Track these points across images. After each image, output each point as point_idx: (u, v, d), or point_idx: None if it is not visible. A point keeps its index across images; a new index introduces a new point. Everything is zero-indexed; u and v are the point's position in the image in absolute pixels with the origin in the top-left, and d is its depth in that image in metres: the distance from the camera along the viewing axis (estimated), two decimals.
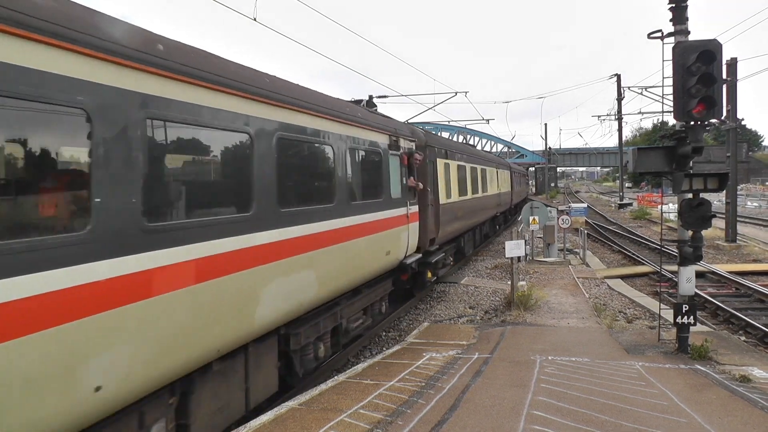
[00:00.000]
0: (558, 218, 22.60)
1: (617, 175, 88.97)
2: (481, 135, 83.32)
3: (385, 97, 29.11)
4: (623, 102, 55.04)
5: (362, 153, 10.47)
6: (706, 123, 9.40)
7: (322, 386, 8.12)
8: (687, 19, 9.76)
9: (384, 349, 11.48)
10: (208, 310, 5.81)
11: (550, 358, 9.56)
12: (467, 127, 68.23)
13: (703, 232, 9.83)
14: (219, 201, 6.27)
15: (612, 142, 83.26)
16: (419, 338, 11.38)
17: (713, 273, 18.59)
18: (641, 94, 41.78)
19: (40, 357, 4.03)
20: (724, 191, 19.79)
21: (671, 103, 9.53)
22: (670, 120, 10.51)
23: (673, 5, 9.74)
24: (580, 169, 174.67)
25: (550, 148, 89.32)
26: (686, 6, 9.73)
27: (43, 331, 4.04)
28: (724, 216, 26.68)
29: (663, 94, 11.76)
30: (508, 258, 14.22)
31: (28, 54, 4.05)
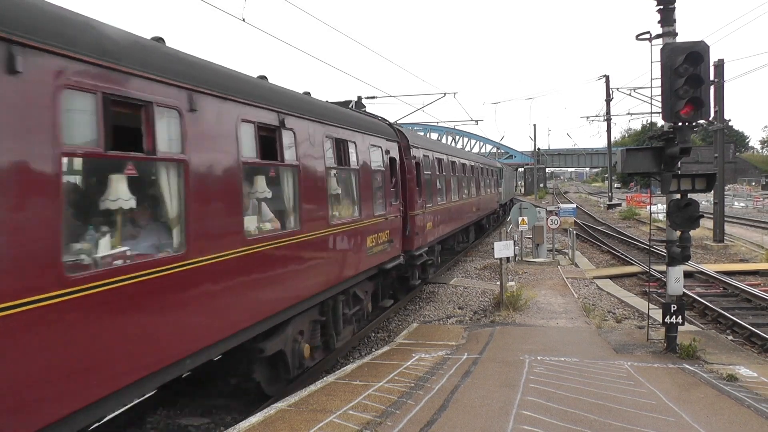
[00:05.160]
0: (547, 219, 22.67)
1: (606, 175, 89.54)
2: (470, 136, 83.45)
3: (373, 97, 29.18)
4: (612, 103, 55.41)
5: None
6: (693, 124, 9.46)
7: (312, 387, 8.10)
8: (675, 20, 9.82)
9: (373, 349, 11.45)
10: None
11: (539, 358, 9.58)
12: (456, 128, 68.41)
13: (691, 232, 9.88)
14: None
15: (601, 142, 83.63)
16: (408, 339, 11.37)
17: (701, 273, 18.70)
18: (630, 95, 42.13)
19: None
20: (712, 191, 19.94)
21: (659, 104, 9.59)
22: (659, 121, 10.59)
23: (661, 7, 9.79)
24: (569, 169, 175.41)
25: (539, 148, 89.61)
26: (674, 8, 9.79)
27: None
28: (711, 216, 26.86)
29: (651, 95, 11.89)
30: (497, 258, 14.25)
31: None
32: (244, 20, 14.07)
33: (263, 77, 8.53)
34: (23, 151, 4.18)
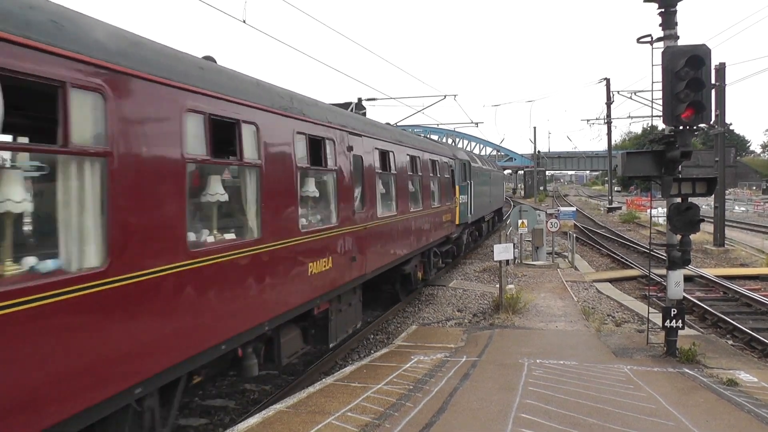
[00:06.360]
0: (547, 221, 22.67)
1: (606, 178, 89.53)
2: (471, 138, 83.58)
3: (374, 99, 29.16)
4: (612, 106, 55.35)
5: None
6: (694, 127, 9.45)
7: (310, 389, 8.08)
8: (676, 24, 9.81)
9: (372, 351, 11.43)
10: None
11: (538, 361, 9.55)
12: (456, 130, 68.47)
13: (692, 236, 9.87)
14: None
15: (601, 145, 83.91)
16: (407, 341, 11.35)
17: (701, 277, 18.69)
18: (631, 98, 42.19)
19: None
20: (712, 196, 19.90)
21: (660, 108, 9.57)
22: (660, 124, 10.58)
23: (663, 10, 9.78)
24: (569, 172, 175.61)
25: (539, 151, 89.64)
26: (675, 11, 9.78)
27: None
28: (712, 220, 26.84)
29: (652, 99, 11.93)
30: (496, 261, 14.23)
31: None
32: (244, 22, 14.09)
33: None
34: None
